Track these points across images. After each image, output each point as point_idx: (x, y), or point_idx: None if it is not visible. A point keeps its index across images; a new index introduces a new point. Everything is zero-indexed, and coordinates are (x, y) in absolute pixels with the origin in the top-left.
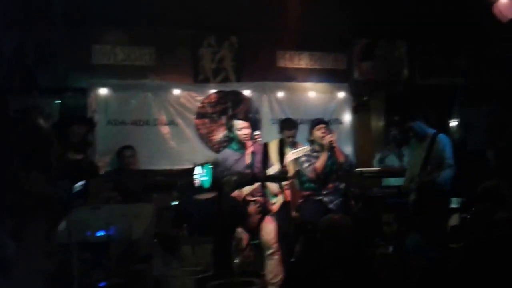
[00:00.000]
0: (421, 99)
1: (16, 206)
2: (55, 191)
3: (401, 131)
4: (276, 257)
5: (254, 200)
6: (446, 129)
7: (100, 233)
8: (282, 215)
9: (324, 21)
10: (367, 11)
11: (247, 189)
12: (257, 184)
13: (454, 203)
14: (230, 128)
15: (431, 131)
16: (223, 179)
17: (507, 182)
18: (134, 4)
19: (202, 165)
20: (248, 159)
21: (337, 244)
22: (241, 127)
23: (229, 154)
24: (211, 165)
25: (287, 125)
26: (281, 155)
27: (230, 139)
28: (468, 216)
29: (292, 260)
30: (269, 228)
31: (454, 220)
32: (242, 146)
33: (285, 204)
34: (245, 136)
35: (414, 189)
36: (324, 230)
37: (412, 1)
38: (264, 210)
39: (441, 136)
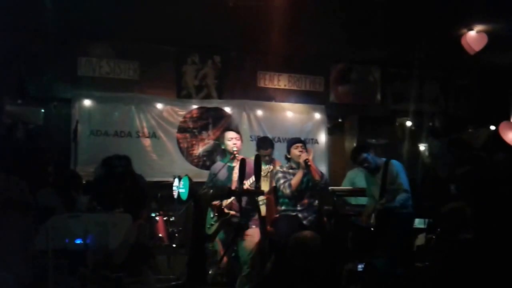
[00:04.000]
0: (392, 123)
1: None
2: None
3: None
4: (252, 273)
5: (229, 213)
6: (414, 154)
7: (78, 241)
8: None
9: (303, 45)
10: (345, 38)
11: (224, 202)
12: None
13: (421, 224)
14: (221, 138)
15: (381, 160)
16: (200, 191)
17: (470, 205)
18: (121, 20)
19: (180, 177)
20: (236, 173)
21: (306, 259)
22: (231, 137)
23: (219, 165)
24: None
25: (263, 145)
26: (258, 171)
27: (222, 151)
28: (434, 237)
29: (263, 275)
30: (251, 246)
31: (420, 240)
32: (232, 157)
33: (260, 219)
34: (234, 146)
35: (374, 217)
36: (293, 246)
37: (387, 31)
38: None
39: (393, 162)
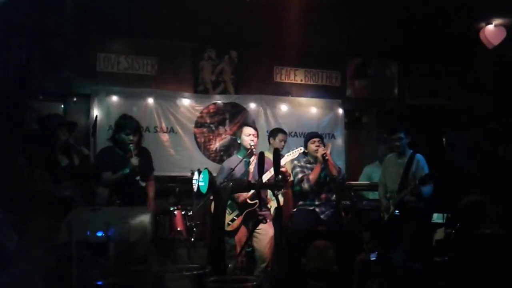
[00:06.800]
0: (410, 117)
1: (20, 202)
2: (61, 191)
3: (390, 141)
4: (267, 269)
5: (255, 203)
6: (433, 148)
7: (100, 234)
8: (276, 223)
9: (320, 40)
10: (361, 32)
11: (246, 194)
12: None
13: (439, 219)
14: (239, 133)
15: (408, 150)
16: (220, 185)
17: (490, 199)
18: (138, 17)
19: (199, 170)
20: (252, 167)
21: (321, 266)
22: (249, 133)
23: (235, 160)
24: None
25: (280, 130)
26: (277, 165)
27: (238, 146)
28: (453, 231)
29: (280, 270)
30: (265, 241)
31: (439, 234)
32: (248, 153)
33: (278, 213)
34: (251, 142)
35: (393, 205)
36: (310, 256)
37: (404, 24)
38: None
39: (419, 156)
